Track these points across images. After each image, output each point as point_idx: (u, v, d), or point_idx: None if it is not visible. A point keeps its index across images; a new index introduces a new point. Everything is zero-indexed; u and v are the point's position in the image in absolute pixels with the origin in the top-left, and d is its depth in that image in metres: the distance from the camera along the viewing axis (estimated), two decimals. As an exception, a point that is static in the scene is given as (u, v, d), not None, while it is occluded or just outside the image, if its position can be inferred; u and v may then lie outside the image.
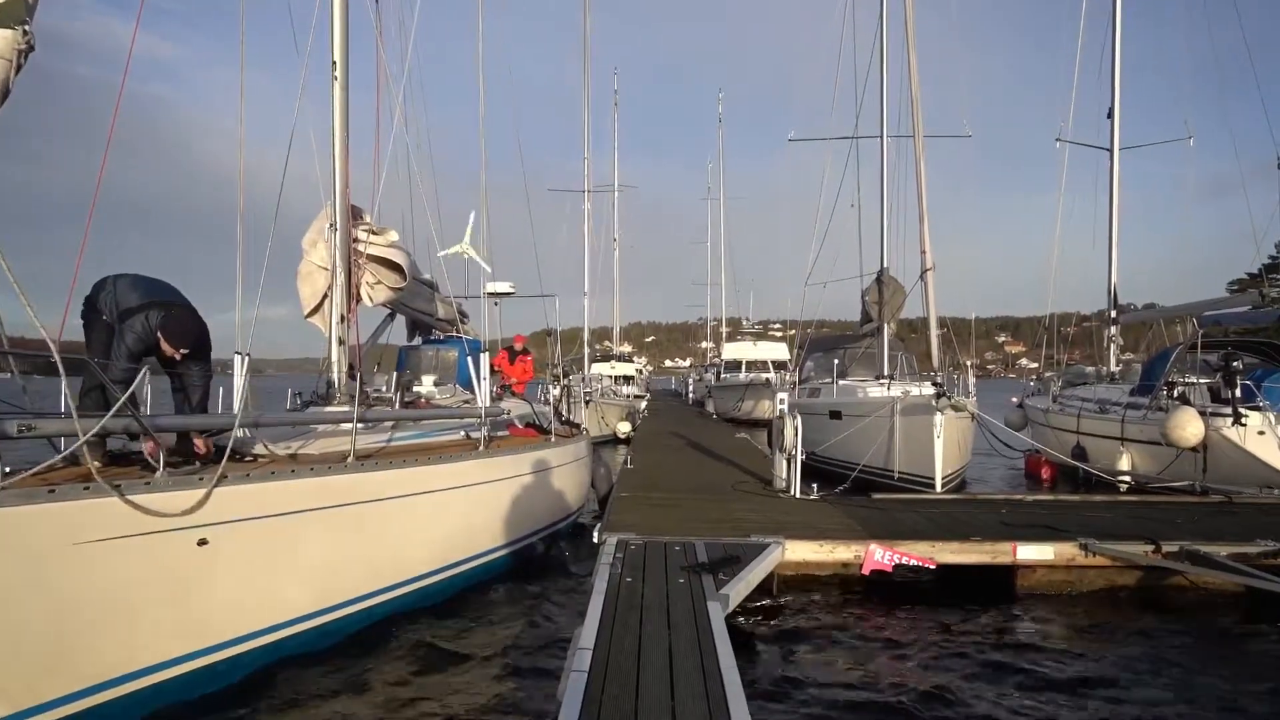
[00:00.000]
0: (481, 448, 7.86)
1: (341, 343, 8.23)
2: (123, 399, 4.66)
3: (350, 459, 6.18)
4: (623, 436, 24.71)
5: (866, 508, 9.86)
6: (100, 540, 4.44)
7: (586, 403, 24.24)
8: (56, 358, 4.36)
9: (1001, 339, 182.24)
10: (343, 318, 8.24)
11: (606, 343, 45.33)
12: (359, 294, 8.64)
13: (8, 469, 4.25)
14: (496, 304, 13.33)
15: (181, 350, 5.97)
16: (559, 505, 9.78)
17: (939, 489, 11.88)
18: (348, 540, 6.15)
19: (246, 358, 7.41)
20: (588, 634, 4.96)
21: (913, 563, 7.47)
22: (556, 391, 13.31)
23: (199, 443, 5.69)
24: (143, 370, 5.30)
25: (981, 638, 6.52)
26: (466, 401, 9.58)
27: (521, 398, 12.72)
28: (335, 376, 8.22)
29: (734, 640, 4.96)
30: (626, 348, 49.21)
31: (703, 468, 14.24)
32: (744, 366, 37.30)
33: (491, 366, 12.30)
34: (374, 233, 8.75)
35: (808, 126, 21.52)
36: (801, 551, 7.67)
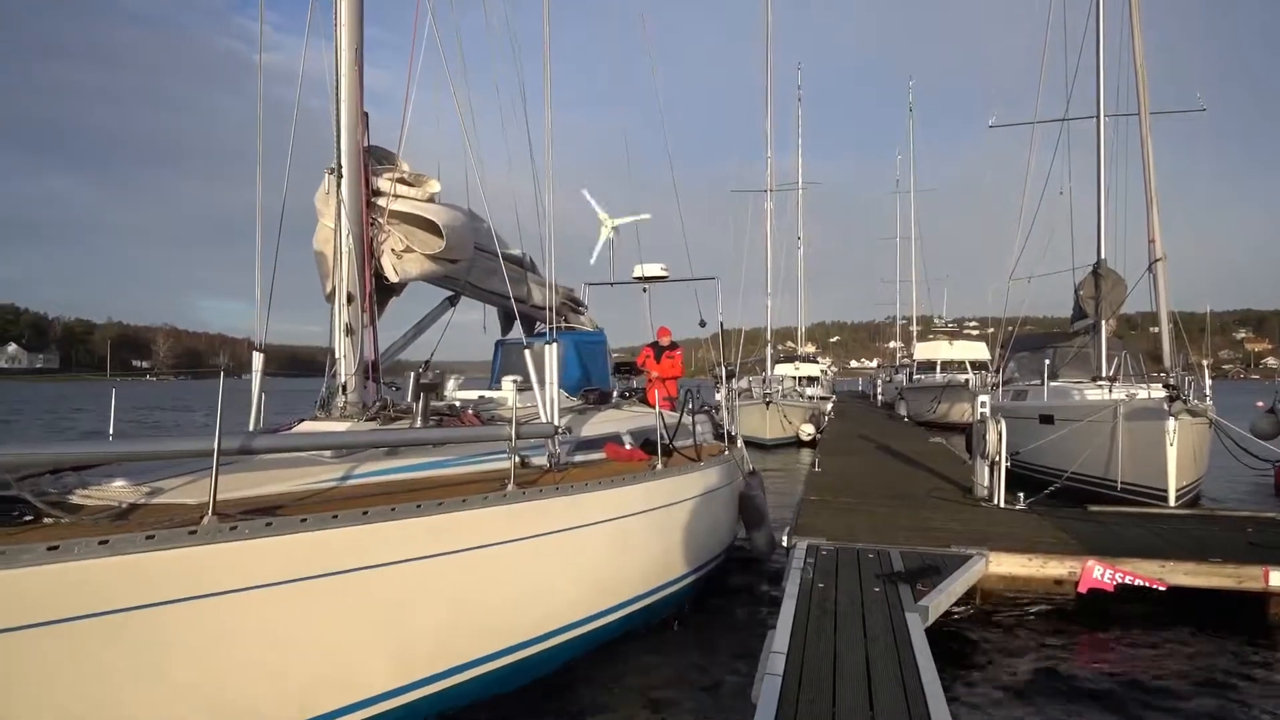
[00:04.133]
0: (510, 486, 5.10)
1: (351, 332, 6.03)
2: None
3: (207, 518, 3.62)
4: (806, 439, 24.27)
5: (1082, 520, 9.10)
6: None
7: (767, 404, 24.01)
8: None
9: (1241, 335, 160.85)
10: (350, 297, 6.02)
11: (790, 343, 44.66)
12: (380, 265, 6.46)
13: None
14: (645, 290, 11.11)
15: None
16: (664, 565, 6.83)
17: (1172, 503, 10.69)
18: (173, 661, 3.58)
19: (261, 355, 6.28)
20: (780, 638, 4.93)
21: (1139, 583, 6.79)
22: (720, 395, 10.74)
23: None
24: None
25: (1223, 672, 5.79)
26: (569, 410, 7.37)
27: (669, 402, 10.02)
28: (342, 380, 6.02)
29: (932, 655, 4.74)
30: (811, 348, 48.26)
31: (895, 473, 13.71)
32: (939, 367, 35.50)
33: (634, 365, 10.65)
34: (405, 182, 6.58)
35: (1009, 110, 20.03)
36: (1007, 565, 7.19)
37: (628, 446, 7.38)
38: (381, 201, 6.43)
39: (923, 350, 39.63)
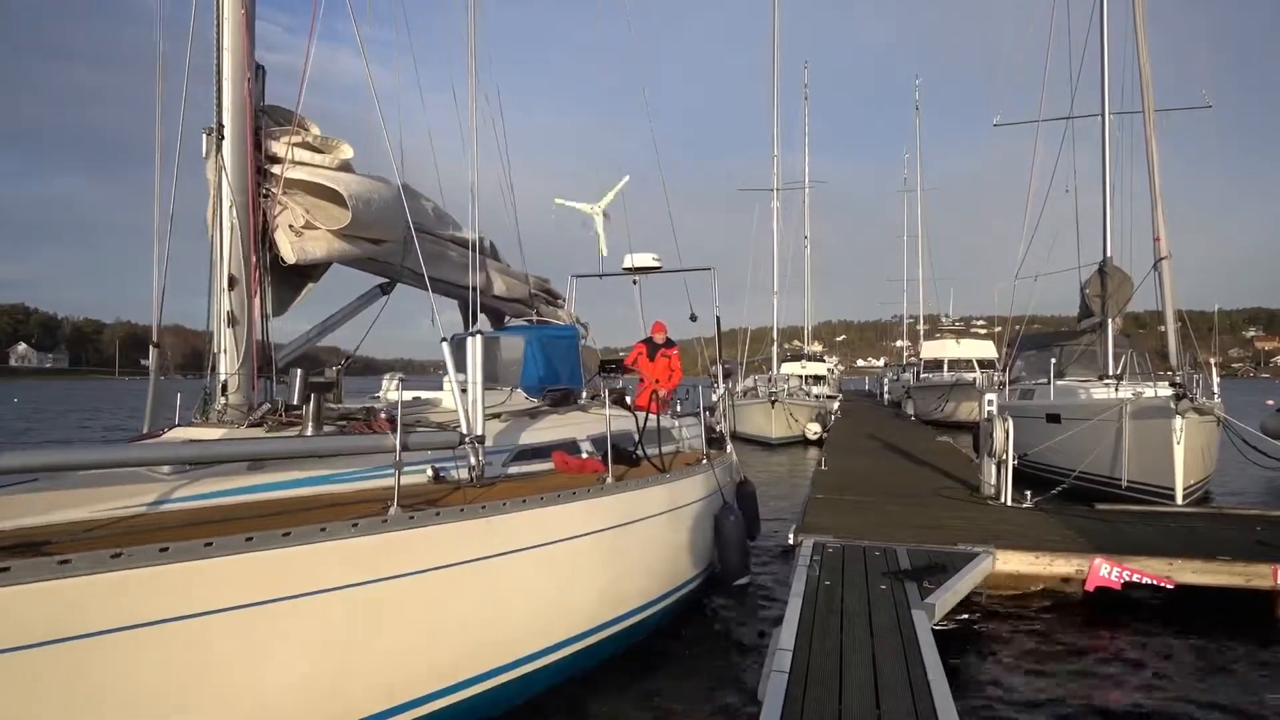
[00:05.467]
0: (392, 509, 4.08)
1: (235, 323, 5.12)
2: None
3: None
4: (813, 438, 24.27)
5: (1089, 519, 9.09)
6: None
7: (773, 403, 24.03)
8: None
9: (1250, 334, 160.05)
10: (232, 281, 5.08)
11: (796, 342, 44.64)
12: (274, 243, 5.42)
13: None
14: (635, 282, 10.24)
15: None
16: (617, 597, 5.82)
17: (1179, 501, 10.68)
18: None
19: (158, 351, 5.56)
20: (786, 635, 4.94)
21: (1146, 581, 6.78)
22: (716, 396, 9.73)
23: None
24: None
25: (1231, 670, 5.78)
26: (520, 413, 6.56)
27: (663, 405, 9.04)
28: (223, 378, 5.10)
29: (939, 652, 4.75)
30: (817, 347, 48.22)
31: (902, 471, 13.70)
32: (946, 365, 35.42)
33: (620, 364, 9.40)
34: (310, 147, 5.61)
35: (1015, 108, 20.00)
36: (1014, 563, 7.19)
37: (585, 455, 6.46)
38: (277, 169, 5.46)
39: (929, 349, 39.57)
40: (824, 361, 43.11)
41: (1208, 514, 9.82)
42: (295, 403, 5.10)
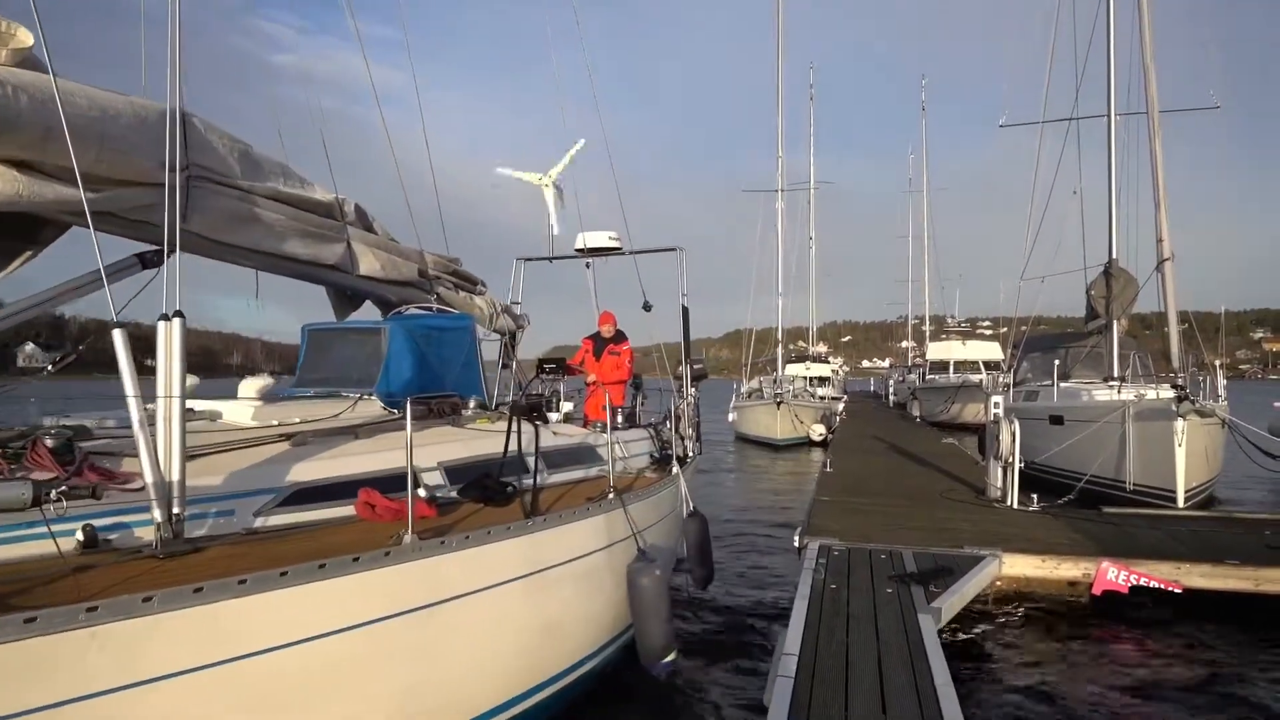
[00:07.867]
0: None
1: None
2: None
3: None
4: (817, 439, 24.28)
5: (1095, 522, 9.05)
6: None
7: (778, 404, 24.04)
8: None
9: (1258, 335, 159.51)
10: None
11: (801, 343, 44.66)
12: None
13: None
14: (589, 265, 8.71)
15: None
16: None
17: (1181, 504, 10.65)
18: None
19: None
20: (792, 640, 4.93)
21: (1154, 585, 6.75)
22: (681, 403, 7.58)
23: None
24: None
25: (1240, 676, 5.74)
26: (353, 429, 4.94)
27: (615, 411, 6.54)
28: None
29: (945, 657, 4.73)
30: (822, 348, 48.20)
31: (907, 473, 13.67)
32: (952, 367, 35.37)
33: (563, 365, 7.43)
34: None
35: (1022, 108, 19.94)
36: (1021, 566, 7.17)
37: (422, 493, 4.39)
38: None
39: (935, 350, 39.47)
40: (829, 362, 43.14)
41: (1216, 518, 9.79)
42: None
